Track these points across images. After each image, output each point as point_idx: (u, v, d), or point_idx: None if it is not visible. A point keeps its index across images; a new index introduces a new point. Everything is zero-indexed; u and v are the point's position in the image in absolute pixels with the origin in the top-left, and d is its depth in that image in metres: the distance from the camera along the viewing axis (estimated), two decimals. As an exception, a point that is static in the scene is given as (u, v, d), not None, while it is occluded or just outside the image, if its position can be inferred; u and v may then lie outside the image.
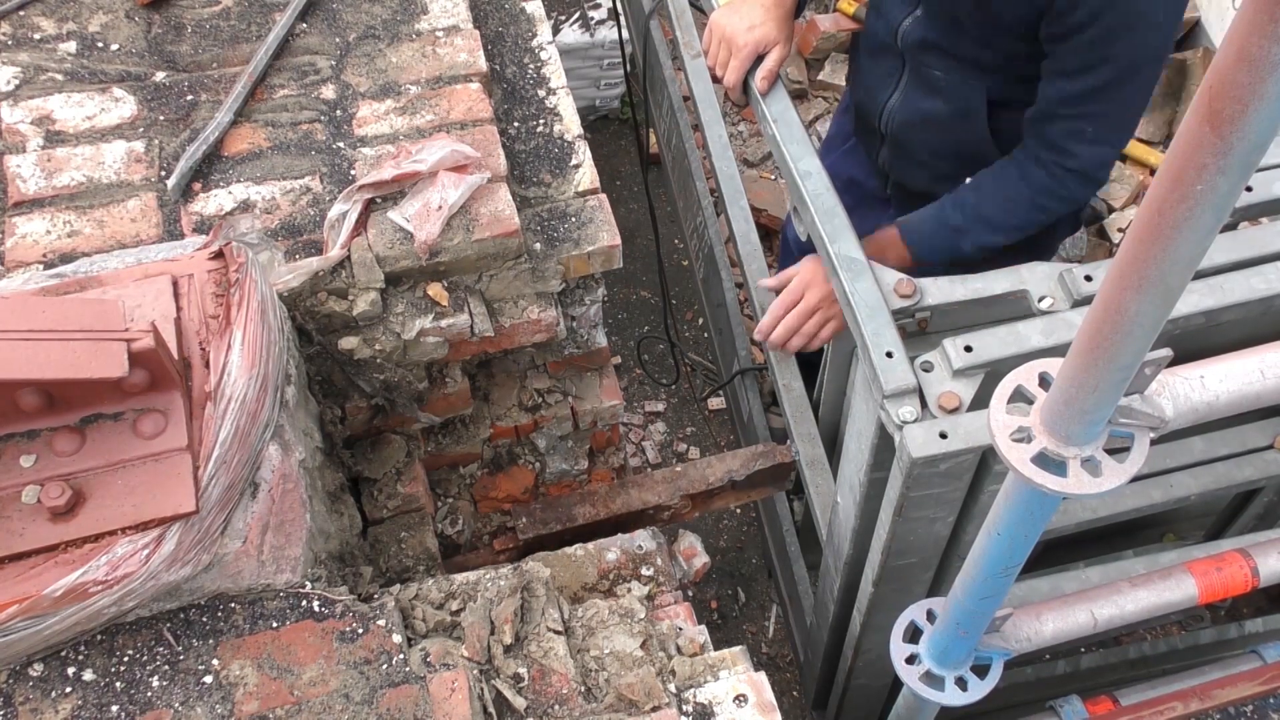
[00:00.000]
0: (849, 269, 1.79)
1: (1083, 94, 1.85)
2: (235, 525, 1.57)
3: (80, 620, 1.48)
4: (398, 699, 1.52)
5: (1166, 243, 0.90)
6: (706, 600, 3.70)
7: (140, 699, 1.52)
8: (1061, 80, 1.86)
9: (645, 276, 4.37)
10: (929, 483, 1.69)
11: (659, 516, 2.30)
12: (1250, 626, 2.86)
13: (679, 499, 2.27)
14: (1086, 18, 1.77)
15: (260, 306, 1.63)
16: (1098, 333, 1.02)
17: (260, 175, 2.00)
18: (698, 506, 2.34)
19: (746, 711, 1.60)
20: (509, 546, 2.23)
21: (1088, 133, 1.88)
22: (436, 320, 1.93)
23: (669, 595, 1.95)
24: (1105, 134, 1.88)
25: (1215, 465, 2.16)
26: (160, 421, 1.54)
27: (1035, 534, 1.36)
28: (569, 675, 1.63)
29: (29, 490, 1.49)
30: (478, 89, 2.14)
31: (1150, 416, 1.16)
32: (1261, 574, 1.76)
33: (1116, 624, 1.76)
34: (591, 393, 2.36)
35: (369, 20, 2.24)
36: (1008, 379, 1.23)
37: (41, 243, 1.89)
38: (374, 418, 2.10)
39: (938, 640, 1.75)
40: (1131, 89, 1.86)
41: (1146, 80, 1.86)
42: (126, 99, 2.08)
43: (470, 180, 1.92)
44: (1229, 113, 0.78)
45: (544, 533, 2.20)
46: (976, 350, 1.67)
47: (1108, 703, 2.21)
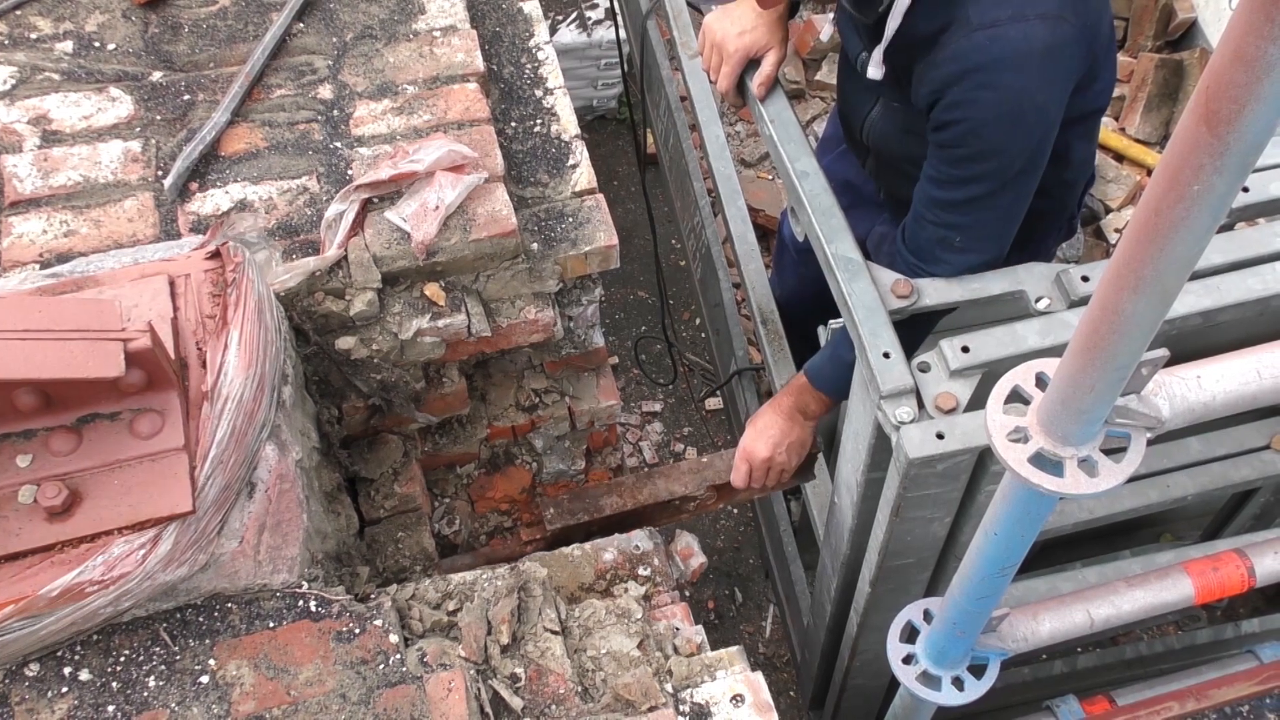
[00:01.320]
0: (846, 269, 1.79)
1: (950, 203, 1.86)
2: (232, 525, 1.57)
3: (76, 620, 1.48)
4: (394, 699, 1.52)
5: (1163, 243, 0.90)
6: (704, 600, 3.70)
7: (137, 699, 1.52)
8: (933, 186, 1.88)
9: (643, 276, 4.37)
10: (926, 483, 1.69)
11: (684, 508, 2.31)
12: (1246, 626, 2.86)
13: (705, 489, 2.28)
14: (951, 139, 1.80)
15: (257, 306, 1.63)
16: (1094, 333, 1.02)
17: (257, 175, 2.00)
18: (722, 498, 2.35)
19: (743, 711, 1.60)
20: (536, 537, 2.24)
21: (956, 241, 1.89)
22: (434, 320, 1.93)
23: (666, 595, 1.95)
24: (973, 243, 1.88)
25: (1212, 465, 2.16)
26: (157, 421, 1.54)
27: (1032, 534, 1.36)
28: (566, 675, 1.63)
29: (25, 490, 1.48)
30: (475, 89, 2.14)
31: (1147, 417, 1.16)
32: (1258, 574, 1.76)
33: (1113, 624, 1.77)
34: (589, 393, 2.35)
35: (366, 20, 2.24)
36: (1005, 379, 1.23)
37: (38, 242, 1.89)
38: (371, 418, 2.09)
39: (935, 640, 1.75)
40: (996, 207, 1.86)
41: (1011, 201, 1.86)
42: (123, 99, 2.08)
43: (467, 180, 1.92)
44: (1225, 113, 0.78)
45: (571, 523, 2.22)
46: (974, 351, 1.68)
47: (1104, 703, 2.21)
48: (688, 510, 2.33)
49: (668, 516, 2.35)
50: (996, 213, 1.87)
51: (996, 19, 1.69)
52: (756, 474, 2.24)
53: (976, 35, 1.69)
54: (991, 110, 1.73)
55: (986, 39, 1.69)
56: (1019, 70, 1.69)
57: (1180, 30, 4.10)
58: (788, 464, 2.23)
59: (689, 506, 2.32)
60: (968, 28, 1.70)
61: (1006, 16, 1.68)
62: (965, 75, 1.72)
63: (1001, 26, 1.68)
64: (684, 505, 2.31)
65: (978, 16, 1.70)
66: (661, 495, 2.26)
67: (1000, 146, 1.77)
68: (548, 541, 2.23)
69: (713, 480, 2.29)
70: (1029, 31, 1.68)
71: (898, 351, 1.70)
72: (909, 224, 1.97)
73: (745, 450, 2.23)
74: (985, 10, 1.70)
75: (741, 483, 2.26)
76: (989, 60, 1.69)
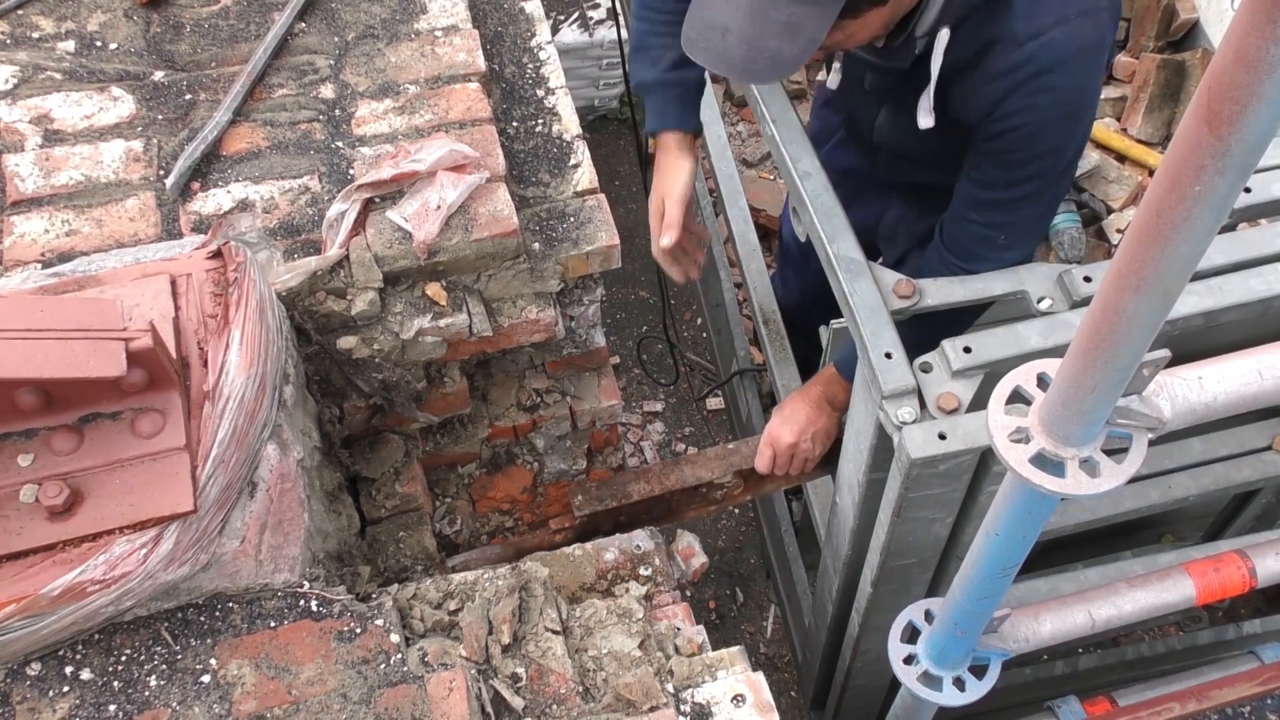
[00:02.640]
0: (848, 269, 1.79)
1: (997, 204, 1.87)
2: (233, 525, 1.57)
3: (78, 619, 1.48)
4: (395, 699, 1.52)
5: (1165, 244, 0.90)
6: (705, 600, 3.70)
7: (138, 698, 1.52)
8: (978, 188, 1.88)
9: (644, 276, 4.37)
10: (928, 483, 1.69)
11: (712, 495, 2.31)
12: (1248, 627, 2.86)
13: (731, 476, 2.28)
14: (1007, 145, 1.79)
15: (259, 306, 1.63)
16: (1096, 333, 1.02)
17: (259, 175, 2.00)
18: (749, 489, 2.35)
19: (744, 711, 1.60)
20: (565, 526, 2.24)
21: (1000, 240, 1.89)
22: (435, 320, 1.93)
23: (667, 595, 1.95)
24: (1017, 240, 1.90)
25: (1213, 466, 2.16)
26: (158, 421, 1.54)
27: (1033, 535, 1.36)
28: (567, 675, 1.63)
29: (27, 489, 1.49)
30: (476, 89, 2.14)
31: (1148, 417, 1.16)
32: (1259, 575, 1.76)
33: (1114, 625, 1.76)
34: (590, 393, 2.35)
35: (368, 20, 2.24)
36: (1006, 379, 1.23)
37: (40, 242, 1.89)
38: (372, 417, 2.09)
39: (936, 640, 1.75)
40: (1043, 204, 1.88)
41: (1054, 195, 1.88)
42: (125, 98, 2.08)
43: (469, 180, 1.92)
44: (1227, 113, 0.78)
45: (600, 509, 2.22)
46: (976, 351, 1.68)
47: (1105, 703, 2.21)
48: (715, 500, 2.33)
49: (696, 505, 2.35)
50: (1040, 208, 1.87)
51: (1042, 26, 1.68)
52: (781, 460, 2.22)
53: (1027, 46, 1.68)
54: (1050, 114, 1.73)
55: (1037, 48, 1.68)
56: (1073, 71, 1.69)
57: (1182, 31, 4.09)
58: (812, 452, 2.21)
59: (717, 495, 2.32)
60: (1015, 42, 1.69)
61: (1051, 22, 1.67)
62: (1020, 85, 1.71)
63: (1049, 33, 1.67)
64: (711, 493, 2.30)
65: (1024, 29, 1.69)
66: (689, 481, 2.26)
67: (1057, 146, 1.77)
68: (577, 531, 2.24)
69: (739, 466, 2.28)
70: (1075, 31, 1.67)
71: (900, 352, 1.70)
72: (948, 225, 1.95)
73: (771, 435, 2.21)
74: (1030, 21, 1.69)
75: (765, 467, 2.24)
76: (1042, 67, 1.69)
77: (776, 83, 1.97)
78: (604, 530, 2.25)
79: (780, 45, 1.55)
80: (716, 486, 2.29)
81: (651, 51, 2.14)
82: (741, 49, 1.57)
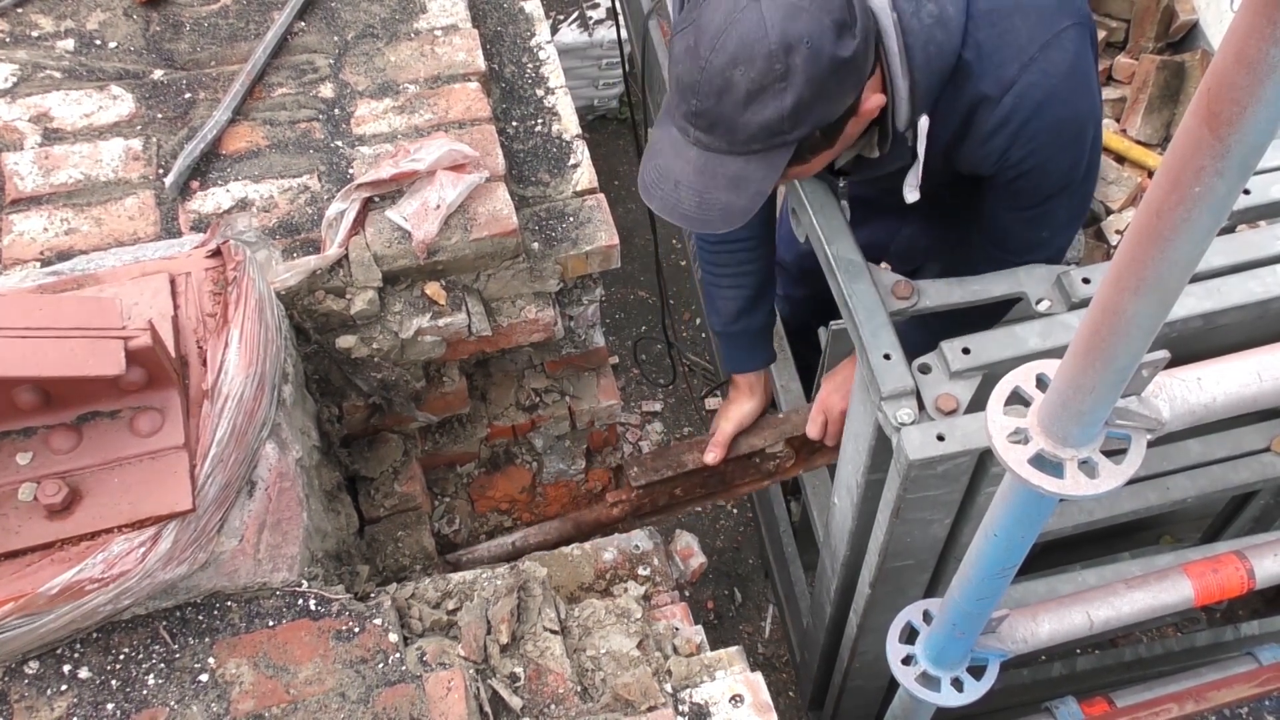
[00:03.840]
0: (846, 270, 1.79)
1: (1032, 219, 1.87)
2: (232, 524, 1.57)
3: (76, 618, 1.48)
4: (394, 698, 1.52)
5: (1164, 245, 0.90)
6: (703, 600, 3.71)
7: (136, 697, 1.52)
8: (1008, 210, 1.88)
9: (643, 276, 4.37)
10: (926, 484, 1.69)
11: (765, 467, 2.32)
12: (1246, 629, 2.86)
13: (783, 445, 2.30)
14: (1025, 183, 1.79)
15: (258, 305, 1.63)
16: (1095, 334, 1.02)
17: (258, 174, 2.00)
18: (800, 462, 2.36)
19: (743, 712, 1.60)
20: (622, 499, 2.26)
21: (1043, 235, 1.91)
22: (434, 319, 1.93)
23: (666, 595, 1.95)
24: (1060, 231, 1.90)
25: (1212, 468, 2.16)
26: (157, 419, 1.54)
27: (1032, 535, 1.36)
28: (565, 675, 1.63)
29: (25, 488, 1.48)
30: (476, 88, 2.14)
31: (1147, 418, 1.16)
32: (1257, 576, 1.76)
33: (1113, 626, 1.77)
34: (589, 392, 2.35)
35: (367, 19, 2.24)
36: (1005, 380, 1.23)
37: (39, 240, 1.89)
38: (371, 417, 2.09)
39: (934, 641, 1.75)
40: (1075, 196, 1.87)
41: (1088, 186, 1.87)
42: (124, 97, 2.08)
43: (468, 179, 1.92)
44: (1227, 115, 0.78)
45: (656, 479, 2.23)
46: (974, 352, 1.68)
47: (1103, 704, 2.21)
48: (769, 472, 2.35)
49: (750, 478, 2.37)
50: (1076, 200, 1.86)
51: (1010, 77, 1.65)
52: (833, 428, 2.21)
53: (1005, 101, 1.67)
54: (1056, 144, 1.73)
55: (1015, 99, 1.66)
56: (1060, 102, 1.67)
57: (1182, 32, 4.09)
58: None
59: (770, 467, 2.33)
60: (992, 101, 1.67)
61: (1016, 70, 1.65)
62: (1017, 135, 1.70)
63: (1020, 80, 1.65)
64: (765, 464, 2.32)
65: (994, 86, 1.66)
66: (742, 449, 2.28)
67: (1073, 162, 1.77)
68: (634, 504, 2.25)
69: (790, 434, 2.30)
70: (1044, 67, 1.65)
71: (898, 353, 1.70)
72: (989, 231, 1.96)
73: (823, 402, 2.21)
74: (997, 77, 1.66)
75: (817, 434, 2.24)
76: (1029, 113, 1.67)
77: None
78: (659, 504, 2.28)
79: (729, 198, 1.58)
80: (769, 457, 2.30)
81: (716, 302, 2.28)
82: (692, 201, 1.60)
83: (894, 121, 1.69)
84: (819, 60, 1.49)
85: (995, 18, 1.63)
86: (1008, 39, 1.63)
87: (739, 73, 1.48)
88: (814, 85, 1.50)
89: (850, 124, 1.63)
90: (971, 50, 1.63)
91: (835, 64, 1.50)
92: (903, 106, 1.67)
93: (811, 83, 1.50)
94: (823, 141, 1.62)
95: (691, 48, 1.52)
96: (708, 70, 1.50)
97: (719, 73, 1.49)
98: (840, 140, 1.65)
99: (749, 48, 1.47)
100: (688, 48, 1.53)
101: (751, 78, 1.48)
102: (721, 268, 2.23)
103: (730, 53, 1.48)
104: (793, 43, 1.47)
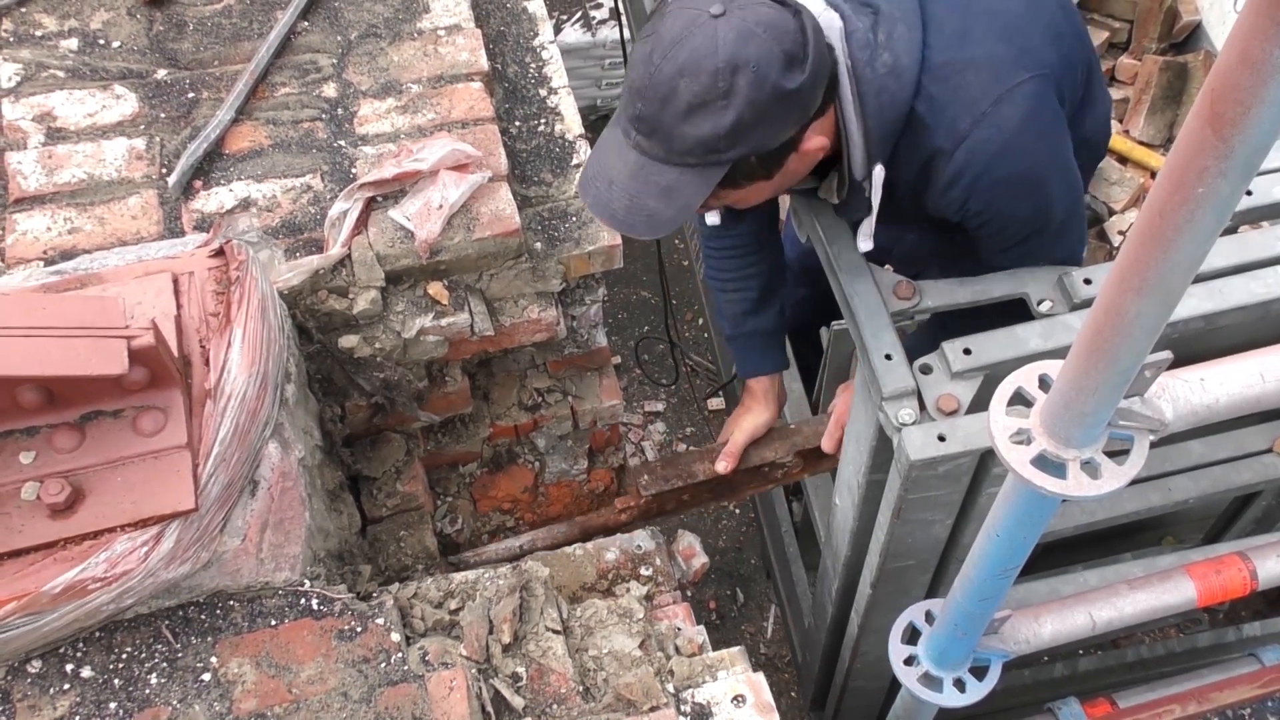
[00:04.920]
0: (848, 270, 1.80)
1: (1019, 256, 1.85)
2: (234, 523, 1.57)
3: (79, 617, 1.48)
4: (396, 698, 1.52)
5: (1168, 245, 0.90)
6: (705, 600, 3.71)
7: (139, 696, 1.52)
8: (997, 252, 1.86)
9: (645, 276, 4.37)
10: (927, 485, 1.69)
11: (772, 474, 2.33)
12: (1248, 630, 2.86)
13: (793, 456, 2.30)
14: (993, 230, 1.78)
15: (260, 304, 1.63)
16: (1098, 335, 1.02)
17: (261, 173, 2.00)
18: (808, 467, 2.36)
19: (744, 712, 1.60)
20: (630, 505, 2.27)
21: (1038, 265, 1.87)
22: (437, 319, 1.93)
23: (668, 595, 1.95)
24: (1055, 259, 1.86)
25: (1214, 469, 2.16)
26: (160, 419, 1.54)
27: (1034, 536, 1.36)
28: (567, 675, 1.63)
29: (28, 487, 1.49)
30: (479, 88, 2.14)
31: (1150, 419, 1.16)
32: (1260, 577, 1.76)
33: (1115, 626, 1.76)
34: (591, 392, 2.36)
35: (371, 19, 2.24)
36: (1008, 380, 1.23)
37: (42, 239, 1.89)
38: (374, 416, 2.09)
39: (936, 641, 1.75)
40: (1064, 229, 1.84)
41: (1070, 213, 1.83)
42: (128, 96, 2.08)
43: (471, 179, 1.92)
44: (1230, 115, 0.78)
45: (666, 489, 2.24)
46: (975, 353, 1.68)
47: (1105, 705, 2.21)
48: (774, 478, 2.36)
49: (756, 483, 2.37)
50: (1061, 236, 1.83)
51: (962, 132, 1.64)
52: None
53: (957, 155, 1.66)
54: (1010, 196, 1.72)
55: (966, 154, 1.65)
56: (1014, 155, 1.66)
57: (1185, 33, 4.09)
58: None
59: (777, 474, 2.34)
60: (945, 154, 1.66)
61: (969, 124, 1.64)
62: (972, 188, 1.70)
63: (972, 135, 1.64)
64: (772, 472, 2.32)
65: (947, 140, 1.65)
66: (752, 461, 2.28)
67: (1034, 210, 1.76)
68: (641, 510, 2.27)
69: (801, 446, 2.30)
70: (998, 122, 1.63)
71: (900, 353, 1.70)
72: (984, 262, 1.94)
73: (840, 416, 2.20)
74: (950, 130, 1.65)
75: (833, 449, 2.24)
76: (982, 167, 1.66)
77: None
78: (667, 508, 2.30)
79: (658, 206, 1.60)
80: (778, 465, 2.30)
81: (722, 305, 2.29)
82: (623, 202, 1.62)
83: (850, 168, 1.70)
84: (762, 86, 1.51)
85: (949, 71, 1.63)
86: (960, 94, 1.63)
87: (684, 84, 1.51)
88: (754, 109, 1.52)
89: (791, 160, 1.65)
90: (924, 103, 1.64)
91: (778, 93, 1.53)
92: (857, 153, 1.68)
93: (752, 106, 1.52)
94: (759, 169, 1.63)
95: (647, 54, 1.55)
96: (656, 77, 1.53)
97: (666, 81, 1.52)
98: (780, 175, 1.67)
99: (697, 62, 1.50)
100: (644, 53, 1.56)
101: (695, 91, 1.51)
102: (725, 271, 2.24)
103: (679, 63, 1.51)
104: (739, 64, 1.50)
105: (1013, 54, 1.64)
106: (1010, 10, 1.69)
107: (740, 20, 1.50)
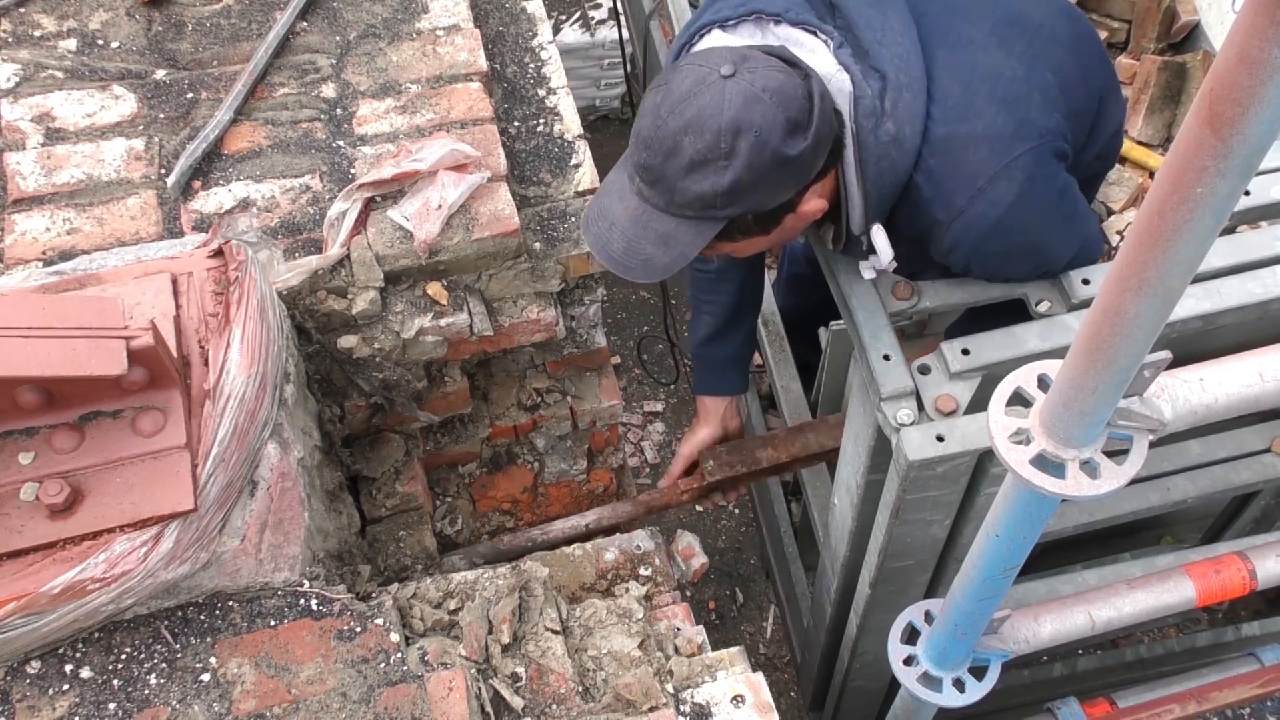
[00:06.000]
0: (846, 271, 1.80)
1: None
2: (233, 523, 1.57)
3: (78, 618, 1.48)
4: (395, 698, 1.52)
5: (1166, 245, 0.90)
6: (704, 601, 3.71)
7: (138, 697, 1.52)
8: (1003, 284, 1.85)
9: (644, 277, 4.37)
10: (925, 485, 1.69)
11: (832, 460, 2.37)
12: (1247, 629, 2.86)
13: None
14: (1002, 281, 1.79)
15: (259, 305, 1.63)
16: (1097, 334, 1.02)
17: (260, 173, 2.00)
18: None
19: (744, 712, 1.60)
20: (694, 486, 2.34)
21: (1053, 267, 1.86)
22: (436, 319, 1.93)
23: (667, 595, 1.95)
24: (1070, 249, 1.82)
25: (1213, 469, 2.16)
26: (159, 419, 1.54)
27: (1034, 536, 1.36)
28: (567, 675, 1.63)
29: (27, 487, 1.49)
30: (478, 88, 2.14)
31: (1149, 419, 1.16)
32: (1259, 577, 1.76)
33: (1114, 626, 1.77)
34: (590, 392, 2.36)
35: (369, 19, 2.24)
36: (1007, 380, 1.23)
37: (41, 240, 1.89)
38: (373, 416, 2.09)
39: (935, 641, 1.75)
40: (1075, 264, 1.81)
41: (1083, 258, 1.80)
42: (127, 96, 2.08)
43: (470, 179, 1.92)
44: (1229, 115, 0.78)
45: (731, 475, 2.31)
46: (974, 353, 1.68)
47: (1105, 705, 2.21)
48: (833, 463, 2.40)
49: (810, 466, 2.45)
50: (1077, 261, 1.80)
51: (957, 207, 1.65)
52: None
53: (953, 228, 1.66)
54: (1008, 262, 1.74)
55: (961, 228, 1.66)
56: (1007, 231, 1.66)
57: (1183, 33, 4.09)
58: None
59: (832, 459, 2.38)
60: (942, 225, 1.67)
61: (964, 201, 1.64)
62: (971, 257, 1.72)
63: (966, 211, 1.64)
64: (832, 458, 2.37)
65: (943, 213, 1.66)
66: (812, 448, 2.34)
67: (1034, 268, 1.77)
68: (703, 490, 2.34)
69: None
70: (992, 199, 1.63)
71: (898, 354, 1.70)
72: None
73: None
74: (947, 205, 1.65)
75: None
76: (977, 240, 1.67)
77: None
78: (724, 490, 2.38)
79: (655, 252, 1.63)
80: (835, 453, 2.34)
81: (694, 321, 2.38)
82: (621, 245, 1.66)
83: (849, 225, 1.73)
84: (763, 151, 1.53)
85: (949, 145, 1.63)
86: (959, 170, 1.64)
87: (688, 140, 1.54)
88: (753, 172, 1.55)
89: (788, 219, 1.67)
90: (923, 174, 1.65)
91: (778, 159, 1.55)
92: (856, 213, 1.70)
93: (752, 169, 1.54)
94: (755, 227, 1.66)
95: (656, 105, 1.58)
96: (662, 130, 1.56)
97: (671, 135, 1.55)
98: (777, 232, 1.70)
99: (702, 121, 1.53)
100: (654, 105, 1.59)
101: (698, 148, 1.54)
102: (701, 291, 2.32)
103: (685, 120, 1.54)
104: (742, 128, 1.52)
105: (1012, 126, 1.64)
106: (1014, 74, 1.67)
107: (749, 84, 1.53)
